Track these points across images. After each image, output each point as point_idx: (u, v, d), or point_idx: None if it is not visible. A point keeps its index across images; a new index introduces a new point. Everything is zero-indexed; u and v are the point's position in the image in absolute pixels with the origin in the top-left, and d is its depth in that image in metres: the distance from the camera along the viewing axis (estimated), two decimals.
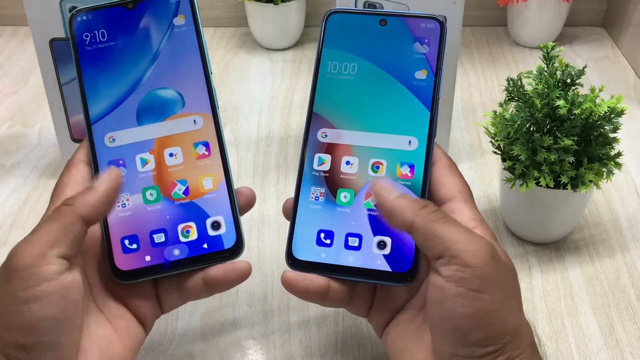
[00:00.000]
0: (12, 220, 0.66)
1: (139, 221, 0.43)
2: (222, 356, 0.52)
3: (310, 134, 0.46)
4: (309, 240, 0.44)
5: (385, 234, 0.43)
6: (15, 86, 0.90)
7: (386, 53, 0.45)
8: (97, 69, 0.45)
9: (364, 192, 0.44)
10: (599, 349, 0.52)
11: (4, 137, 0.79)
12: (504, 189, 0.61)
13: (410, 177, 0.44)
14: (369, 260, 0.43)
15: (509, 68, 0.94)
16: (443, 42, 0.45)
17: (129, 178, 0.44)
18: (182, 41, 0.45)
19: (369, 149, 0.45)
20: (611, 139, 0.56)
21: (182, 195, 0.44)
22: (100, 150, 0.44)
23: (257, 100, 0.86)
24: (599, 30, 1.04)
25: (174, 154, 0.44)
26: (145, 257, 0.43)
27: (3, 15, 1.06)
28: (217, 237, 0.44)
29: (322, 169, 0.45)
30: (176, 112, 0.45)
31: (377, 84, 0.45)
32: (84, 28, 0.45)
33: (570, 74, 0.57)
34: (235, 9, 1.05)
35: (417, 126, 0.44)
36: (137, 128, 0.45)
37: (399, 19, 0.45)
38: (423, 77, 0.45)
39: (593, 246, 0.62)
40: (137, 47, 0.45)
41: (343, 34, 0.46)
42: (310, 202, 0.45)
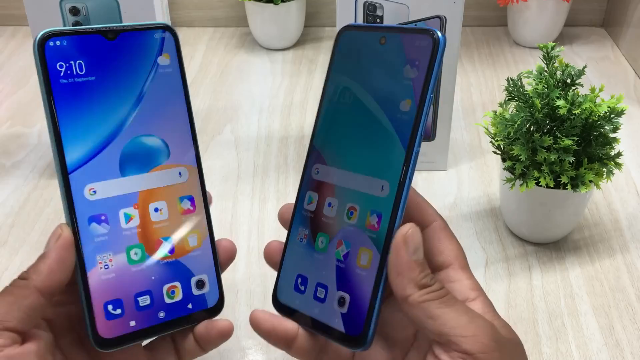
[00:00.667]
0: (12, 220, 0.66)
1: (124, 284, 0.39)
2: (222, 356, 0.52)
3: (307, 169, 0.42)
4: (289, 284, 0.41)
5: (346, 290, 0.38)
6: (15, 86, 0.90)
7: (380, 79, 0.39)
8: (74, 107, 0.39)
9: (337, 240, 0.39)
10: (599, 349, 0.52)
11: (4, 137, 0.79)
12: (504, 189, 0.61)
13: (376, 228, 0.38)
14: (329, 317, 0.39)
15: (509, 68, 0.94)
16: (434, 65, 0.37)
17: (112, 236, 0.39)
18: (167, 83, 0.41)
19: (348, 191, 0.39)
20: (611, 139, 0.56)
21: (168, 253, 0.40)
22: (79, 203, 0.38)
23: (257, 100, 0.86)
24: (599, 30, 1.04)
25: (159, 208, 0.41)
26: (130, 322, 0.39)
27: (3, 15, 1.06)
28: (201, 296, 0.41)
29: (309, 208, 0.41)
30: (161, 163, 0.41)
31: (365, 116, 0.39)
32: (58, 56, 0.38)
33: (570, 74, 0.57)
34: (235, 9, 1.05)
35: (391, 168, 0.38)
36: (121, 179, 0.40)
37: (397, 36, 0.39)
38: (407, 108, 0.38)
39: (593, 246, 0.62)
40: (118, 86, 0.40)
41: (349, 56, 0.41)
42: (296, 243, 0.41)
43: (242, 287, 0.58)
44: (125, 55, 0.40)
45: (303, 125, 0.81)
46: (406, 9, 0.62)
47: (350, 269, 0.38)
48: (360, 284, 0.38)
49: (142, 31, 0.40)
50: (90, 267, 0.38)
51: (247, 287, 0.58)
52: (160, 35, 0.41)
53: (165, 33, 0.41)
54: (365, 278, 0.38)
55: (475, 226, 0.64)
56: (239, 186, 0.70)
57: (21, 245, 0.63)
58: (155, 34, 0.41)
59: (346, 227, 0.39)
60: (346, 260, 0.39)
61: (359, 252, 0.38)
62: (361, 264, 0.38)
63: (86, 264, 0.38)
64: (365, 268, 0.38)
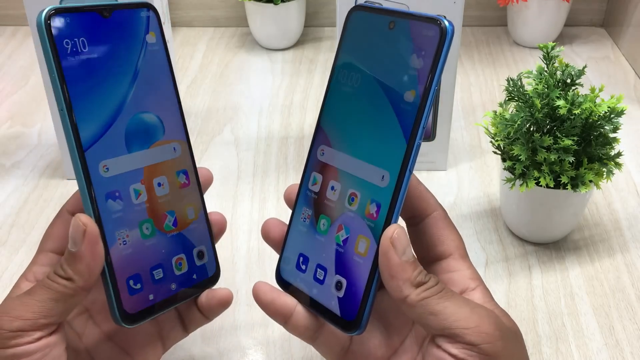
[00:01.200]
0: (12, 220, 0.66)
1: (140, 258, 0.40)
2: (222, 356, 0.52)
3: (312, 149, 0.42)
4: (292, 262, 0.42)
5: (343, 275, 0.39)
6: (15, 86, 0.90)
7: (387, 65, 0.38)
8: (83, 84, 0.39)
9: (337, 224, 0.40)
10: (599, 349, 0.52)
11: (4, 137, 0.79)
12: (504, 189, 0.61)
13: (375, 218, 0.38)
14: (326, 298, 0.39)
15: (509, 68, 0.94)
16: (440, 55, 0.36)
17: (126, 211, 0.40)
18: (155, 61, 0.42)
19: (351, 177, 0.39)
20: (611, 139, 0.56)
21: (172, 227, 0.42)
22: (96, 181, 0.39)
23: (257, 100, 0.86)
24: (599, 30, 1.04)
25: (161, 183, 0.42)
26: (149, 295, 0.40)
27: (3, 15, 1.06)
28: (202, 266, 0.43)
29: (313, 189, 0.41)
30: (159, 139, 0.42)
31: (371, 102, 0.39)
32: (64, 33, 0.38)
33: (570, 74, 0.57)
34: (235, 9, 1.05)
35: (392, 159, 0.37)
36: (128, 155, 0.40)
37: (406, 22, 0.38)
38: (410, 99, 0.37)
39: (593, 246, 0.62)
40: (117, 63, 0.40)
41: (358, 37, 0.40)
42: (300, 222, 0.42)
43: (242, 286, 0.58)
44: (120, 33, 0.40)
45: (303, 125, 0.81)
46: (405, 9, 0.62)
47: (348, 255, 0.39)
48: (356, 271, 0.38)
49: (132, 9, 0.41)
50: (111, 244, 0.39)
51: (247, 287, 0.58)
52: (146, 14, 0.41)
53: (149, 12, 0.41)
54: (362, 266, 0.38)
55: (475, 226, 0.64)
56: (239, 186, 0.70)
57: (21, 245, 0.63)
58: (142, 12, 0.41)
59: (347, 213, 0.39)
60: (345, 245, 0.39)
61: (357, 239, 0.39)
62: (358, 251, 0.38)
63: (108, 241, 0.39)
64: (362, 255, 0.38)
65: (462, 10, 0.62)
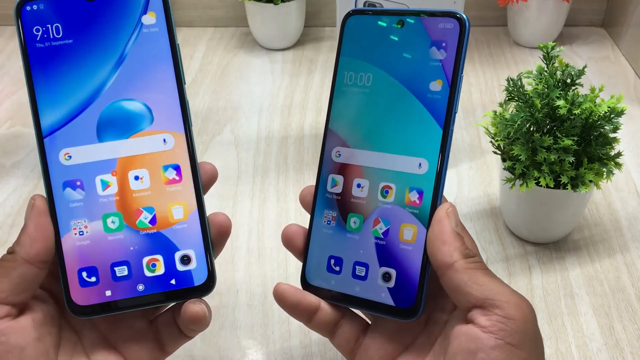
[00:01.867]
0: (12, 220, 0.66)
1: (99, 252, 0.38)
2: (222, 356, 0.52)
3: (325, 153, 0.42)
4: (321, 266, 0.42)
5: (391, 266, 0.40)
6: (15, 86, 0.90)
7: (402, 61, 0.40)
8: (50, 71, 0.38)
9: (372, 219, 0.41)
10: (599, 349, 0.52)
11: (4, 137, 0.79)
12: (504, 189, 0.61)
13: (418, 204, 0.39)
14: (374, 292, 0.40)
15: (509, 68, 0.94)
16: (463, 46, 0.39)
17: (88, 202, 0.38)
18: (152, 44, 0.39)
19: (380, 171, 0.41)
20: (611, 139, 0.56)
21: (149, 224, 0.39)
22: (54, 168, 0.38)
23: (257, 100, 0.86)
24: (599, 30, 1.04)
25: (139, 177, 0.39)
26: (106, 291, 0.38)
27: (3, 15, 1.06)
28: (186, 272, 0.39)
29: (334, 191, 0.42)
30: (143, 129, 0.39)
31: (390, 97, 0.41)
32: (34, 20, 0.38)
33: (570, 74, 0.56)
34: (235, 9, 1.05)
35: (428, 146, 0.39)
36: (98, 145, 0.39)
37: (417, 19, 0.40)
38: (438, 88, 0.39)
39: (593, 246, 0.62)
40: (98, 48, 0.39)
41: (361, 39, 0.42)
42: (323, 225, 0.42)
43: (242, 287, 0.58)
44: (105, 16, 0.39)
45: (303, 125, 0.81)
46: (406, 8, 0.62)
47: (392, 245, 0.40)
48: (406, 258, 0.40)
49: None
50: (64, 233, 0.38)
51: (247, 287, 0.58)
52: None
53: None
54: (412, 252, 0.39)
55: (475, 226, 0.64)
56: (239, 186, 0.70)
57: None
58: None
59: (382, 206, 0.40)
60: (386, 237, 0.40)
61: (400, 229, 0.40)
62: (405, 239, 0.40)
63: (60, 229, 0.38)
64: (410, 243, 0.40)
65: (462, 10, 0.62)
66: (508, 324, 0.35)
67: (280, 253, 0.61)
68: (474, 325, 0.35)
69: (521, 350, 0.34)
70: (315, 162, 0.74)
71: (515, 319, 0.35)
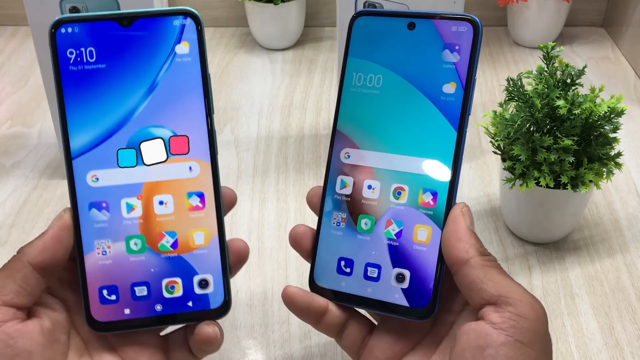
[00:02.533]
0: (12, 220, 0.66)
1: (120, 271, 0.40)
2: (222, 356, 0.52)
3: (333, 154, 0.42)
4: (330, 267, 0.41)
5: (404, 267, 0.40)
6: (15, 86, 0.90)
7: (413, 62, 0.40)
8: (83, 94, 0.39)
9: (384, 220, 0.41)
10: (599, 349, 0.52)
11: (4, 137, 0.79)
12: (504, 189, 0.61)
13: (433, 205, 0.40)
14: (387, 293, 0.40)
15: (509, 68, 0.94)
16: (476, 49, 0.39)
17: (112, 224, 0.39)
18: (184, 73, 0.39)
19: (392, 172, 0.41)
20: (611, 139, 0.56)
21: (170, 248, 0.40)
22: (81, 189, 0.39)
23: (257, 100, 0.86)
24: (599, 30, 1.04)
25: (164, 202, 0.40)
26: (125, 309, 0.39)
27: (3, 15, 1.06)
28: (203, 295, 0.40)
29: (344, 192, 0.42)
30: (170, 156, 0.40)
31: (402, 99, 0.41)
32: (68, 42, 0.39)
33: (570, 74, 0.56)
34: (235, 9, 1.05)
35: (443, 148, 0.40)
36: (125, 169, 0.40)
37: (429, 21, 0.40)
38: (452, 90, 0.40)
39: (593, 246, 0.62)
40: (130, 74, 0.39)
41: (369, 41, 0.42)
42: (332, 227, 0.42)
43: (242, 287, 0.58)
44: (140, 43, 0.39)
45: (303, 125, 0.81)
46: (406, 9, 0.62)
47: (406, 246, 0.40)
48: (421, 259, 0.40)
49: (160, 17, 0.39)
50: (87, 251, 0.39)
51: (247, 287, 0.58)
52: (181, 22, 0.39)
53: (186, 19, 0.39)
54: (426, 253, 0.39)
55: (476, 226, 0.64)
56: (239, 186, 0.70)
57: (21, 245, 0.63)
58: (175, 20, 0.39)
59: (395, 207, 0.40)
60: (400, 238, 0.40)
61: (414, 229, 0.40)
62: (419, 240, 0.40)
63: (84, 247, 0.39)
64: (424, 243, 0.40)
65: (462, 10, 0.62)
66: (520, 322, 0.34)
67: (280, 253, 0.61)
68: (484, 322, 0.35)
69: (531, 349, 0.34)
70: (315, 162, 0.74)
71: (527, 317, 0.35)
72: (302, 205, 0.67)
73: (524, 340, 0.34)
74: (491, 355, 0.34)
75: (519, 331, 0.34)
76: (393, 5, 0.62)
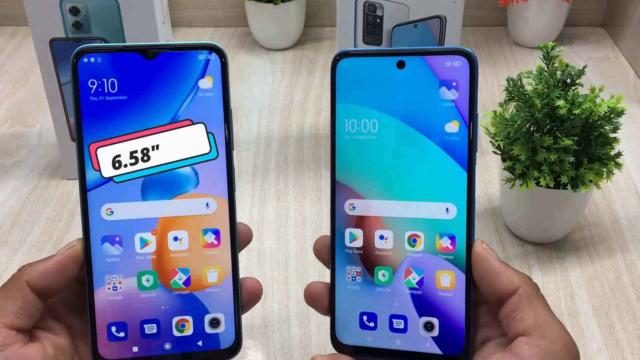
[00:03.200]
0: (12, 220, 0.66)
1: (130, 308, 0.39)
2: None
3: (337, 207, 0.40)
4: (352, 323, 0.40)
5: (432, 315, 0.39)
6: (15, 86, 0.90)
7: (409, 103, 0.38)
8: (101, 125, 0.38)
9: (403, 269, 0.39)
10: (599, 349, 0.52)
11: (4, 137, 0.79)
12: (504, 189, 0.61)
13: (452, 250, 0.38)
14: (417, 343, 0.39)
15: (509, 68, 0.94)
16: (475, 83, 0.37)
17: (125, 258, 0.38)
18: (206, 108, 0.39)
19: (403, 220, 0.39)
20: (611, 139, 0.56)
21: (182, 285, 0.39)
22: (94, 222, 0.38)
23: (257, 100, 0.86)
24: (599, 30, 1.04)
25: (179, 238, 0.39)
26: (133, 347, 0.39)
27: (3, 15, 1.06)
28: (214, 335, 0.39)
29: (354, 245, 0.40)
30: (187, 191, 0.39)
31: (402, 142, 0.39)
32: (90, 73, 0.38)
33: (570, 74, 0.56)
34: (235, 9, 1.05)
35: (454, 190, 0.38)
36: (141, 203, 0.39)
37: (419, 58, 0.38)
38: (455, 129, 0.38)
39: (593, 246, 0.62)
40: (151, 107, 0.38)
41: (357, 84, 0.39)
42: (348, 282, 0.40)
43: None
44: (163, 76, 0.38)
45: (303, 125, 0.81)
46: (406, 9, 0.62)
47: (430, 294, 0.39)
48: (448, 305, 0.38)
49: (185, 51, 0.39)
50: (98, 286, 0.38)
51: None
52: (205, 57, 0.39)
53: (211, 54, 0.39)
54: (453, 298, 0.38)
55: (476, 226, 0.64)
56: (239, 186, 0.70)
57: (21, 245, 0.63)
58: (200, 55, 0.39)
59: (412, 255, 0.39)
60: (422, 286, 0.39)
61: (436, 276, 0.39)
62: (443, 286, 0.38)
63: (94, 281, 0.38)
64: (448, 289, 0.38)
65: (462, 10, 0.62)
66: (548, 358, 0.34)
67: (280, 253, 0.61)
68: (510, 355, 0.34)
69: None
70: (315, 162, 0.74)
71: (557, 356, 0.34)
72: (302, 205, 0.67)
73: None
74: None
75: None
76: (393, 5, 0.62)
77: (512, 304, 0.36)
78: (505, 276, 0.36)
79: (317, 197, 0.68)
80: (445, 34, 0.63)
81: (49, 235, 0.64)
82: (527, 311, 0.35)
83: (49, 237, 0.64)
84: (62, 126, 0.67)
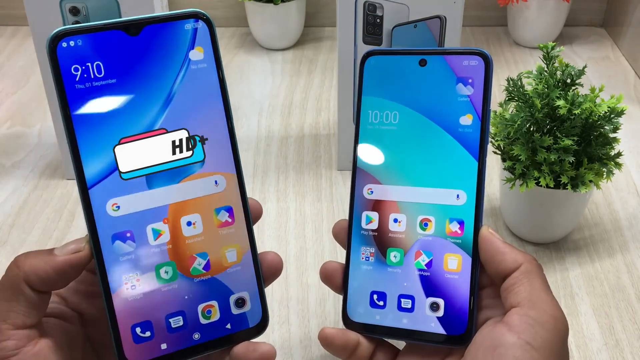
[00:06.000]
0: (12, 220, 0.66)
1: (153, 305, 0.36)
2: None
3: (356, 191, 0.43)
4: (363, 302, 0.42)
5: (438, 296, 0.41)
6: (15, 86, 0.90)
7: (428, 97, 0.42)
8: (93, 115, 0.35)
9: (414, 251, 0.42)
10: (599, 349, 0.52)
11: (4, 137, 0.79)
12: (504, 189, 0.61)
13: (460, 234, 0.41)
14: (423, 323, 0.41)
15: (509, 68, 0.94)
16: (489, 81, 0.41)
17: (139, 254, 0.36)
18: (200, 82, 0.36)
19: (416, 204, 0.42)
20: (611, 139, 0.56)
21: (203, 270, 0.37)
22: (101, 220, 0.35)
23: (257, 100, 0.86)
24: (599, 30, 1.04)
25: (192, 222, 0.37)
26: (161, 345, 0.36)
27: (3, 15, 1.06)
28: (241, 315, 0.38)
29: (370, 227, 0.43)
30: (194, 172, 0.37)
31: (420, 133, 0.42)
32: (72, 58, 0.34)
33: (570, 74, 0.56)
34: (235, 9, 1.05)
35: (465, 178, 0.41)
36: (147, 192, 0.36)
37: (440, 57, 0.42)
38: (468, 122, 0.41)
39: (593, 246, 0.62)
40: (144, 87, 0.35)
41: (382, 79, 0.43)
42: (362, 262, 0.42)
43: None
44: (151, 52, 0.35)
45: (303, 125, 0.81)
46: (406, 9, 0.62)
47: (438, 276, 0.41)
48: (454, 287, 0.41)
49: (170, 22, 0.35)
50: (115, 289, 0.36)
51: None
52: (192, 26, 0.36)
53: (198, 22, 0.36)
54: (459, 280, 0.40)
55: None
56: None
57: (21, 245, 0.63)
58: (186, 24, 0.36)
59: (423, 238, 0.42)
60: (430, 268, 0.41)
61: (444, 259, 0.41)
62: (450, 269, 0.41)
63: (111, 285, 0.36)
64: (455, 272, 0.41)
65: (462, 10, 0.62)
66: (536, 327, 0.35)
67: (280, 253, 0.61)
68: (502, 324, 0.36)
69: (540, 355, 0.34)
70: (315, 162, 0.74)
71: (545, 326, 0.35)
72: (302, 205, 0.67)
73: (535, 344, 0.34)
74: (500, 354, 0.35)
75: (532, 335, 0.34)
76: (393, 5, 0.62)
77: (512, 279, 0.38)
78: (510, 255, 0.38)
79: (317, 197, 0.68)
80: (445, 34, 0.63)
81: (49, 235, 0.64)
82: (524, 285, 0.37)
83: (49, 237, 0.64)
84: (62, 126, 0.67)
